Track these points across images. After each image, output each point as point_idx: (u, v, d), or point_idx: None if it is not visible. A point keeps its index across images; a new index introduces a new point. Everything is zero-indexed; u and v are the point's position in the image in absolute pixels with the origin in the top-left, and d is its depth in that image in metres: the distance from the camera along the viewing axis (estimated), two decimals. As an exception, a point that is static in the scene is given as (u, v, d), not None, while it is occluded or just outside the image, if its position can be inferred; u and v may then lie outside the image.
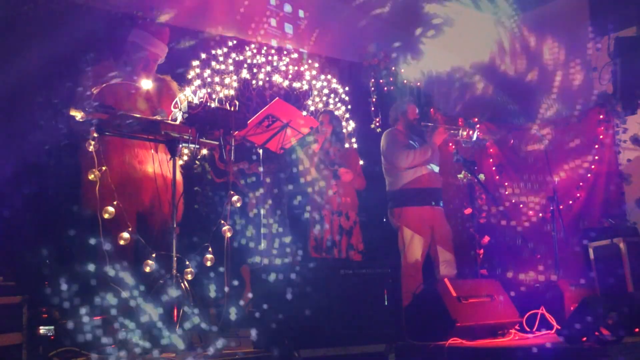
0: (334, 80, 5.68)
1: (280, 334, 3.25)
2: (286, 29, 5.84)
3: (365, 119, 5.98)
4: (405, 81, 6.28)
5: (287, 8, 5.89)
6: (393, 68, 6.27)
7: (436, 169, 4.88)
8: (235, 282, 3.87)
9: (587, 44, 6.51)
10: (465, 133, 4.84)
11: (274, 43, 5.65)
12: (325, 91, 5.62)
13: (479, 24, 6.41)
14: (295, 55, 5.55)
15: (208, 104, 3.44)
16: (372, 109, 6.11)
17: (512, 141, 4.89)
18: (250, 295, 3.93)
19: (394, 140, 4.88)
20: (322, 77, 5.60)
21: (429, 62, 6.27)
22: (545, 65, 6.75)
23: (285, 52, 5.51)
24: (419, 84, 6.38)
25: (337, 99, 5.66)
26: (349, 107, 5.73)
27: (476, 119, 4.81)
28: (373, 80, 6.17)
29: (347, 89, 5.76)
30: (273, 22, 5.75)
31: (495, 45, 6.47)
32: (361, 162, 5.36)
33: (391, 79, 6.23)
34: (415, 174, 4.74)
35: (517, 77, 6.59)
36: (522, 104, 6.52)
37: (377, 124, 6.02)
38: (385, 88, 6.18)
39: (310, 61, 5.60)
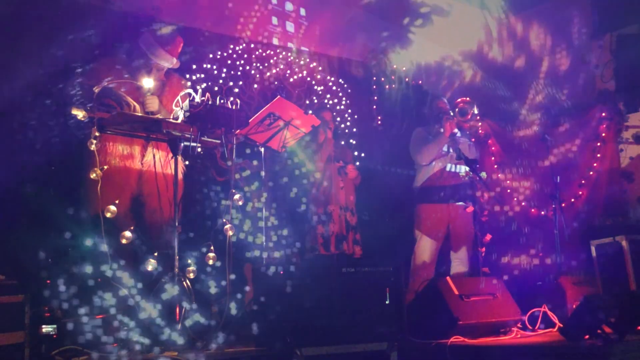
0: (333, 78, 5.67)
1: (282, 331, 3.25)
2: (287, 27, 5.83)
3: (366, 118, 5.97)
4: (407, 79, 6.28)
5: (289, 6, 5.88)
6: (395, 66, 6.26)
7: (458, 168, 4.83)
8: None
9: (590, 41, 6.51)
10: (465, 114, 4.80)
11: (275, 41, 5.65)
12: (326, 89, 5.62)
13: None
14: (296, 54, 5.55)
15: (209, 102, 3.43)
16: (374, 107, 6.11)
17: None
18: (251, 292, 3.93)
19: (415, 137, 4.91)
20: (324, 75, 5.59)
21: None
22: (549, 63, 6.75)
23: (286, 51, 5.51)
24: (420, 82, 6.38)
25: (338, 97, 5.65)
26: (350, 105, 5.73)
27: (468, 98, 4.80)
28: (374, 78, 6.17)
29: (346, 86, 5.75)
30: (274, 20, 5.75)
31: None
32: (357, 163, 5.36)
33: (392, 78, 6.22)
34: (430, 171, 4.75)
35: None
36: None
37: (378, 122, 6.02)
38: (387, 87, 6.17)
39: (310, 59, 5.59)
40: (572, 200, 6.13)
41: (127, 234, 3.36)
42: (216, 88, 4.87)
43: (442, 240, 4.74)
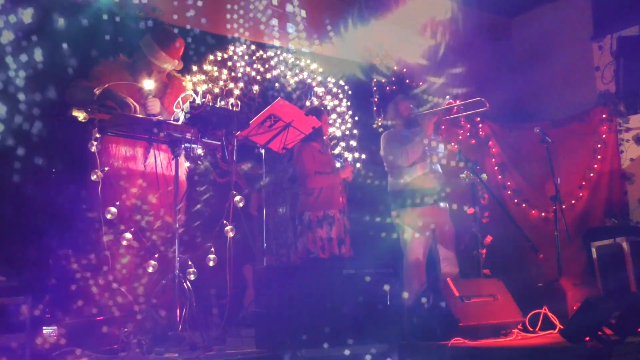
0: (333, 80, 5.67)
1: (282, 333, 3.25)
2: (288, 29, 5.84)
3: (367, 119, 5.98)
4: (407, 81, 6.28)
5: (289, 8, 5.89)
6: (395, 67, 6.27)
7: (437, 167, 4.85)
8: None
9: (590, 43, 6.52)
10: (450, 112, 4.79)
11: (275, 43, 5.66)
12: (327, 90, 5.62)
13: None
14: (297, 55, 5.56)
15: (210, 104, 3.44)
16: (374, 108, 6.11)
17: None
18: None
19: (389, 140, 4.86)
20: (324, 76, 5.60)
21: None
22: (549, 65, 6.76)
23: (287, 52, 5.51)
24: (420, 83, 6.38)
25: (338, 99, 5.66)
26: (351, 106, 5.73)
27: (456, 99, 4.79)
28: (375, 79, 6.17)
29: (346, 87, 5.75)
30: (275, 21, 5.75)
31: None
32: (358, 165, 5.36)
33: (393, 79, 6.23)
34: (414, 173, 4.72)
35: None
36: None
37: (379, 123, 6.02)
38: (387, 88, 6.18)
39: (310, 61, 5.60)
40: (573, 201, 6.14)
41: (128, 235, 3.36)
42: (217, 90, 4.88)
43: (431, 239, 4.74)
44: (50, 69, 4.05)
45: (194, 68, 4.86)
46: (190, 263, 3.47)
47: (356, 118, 5.71)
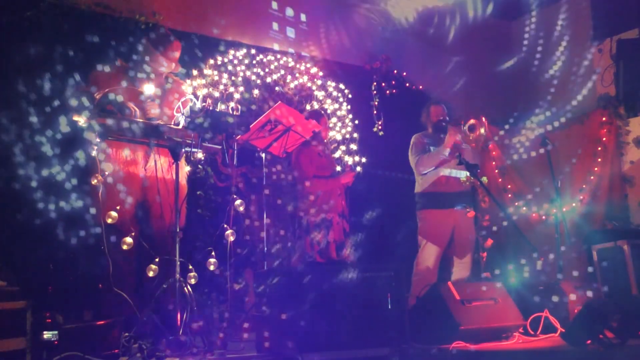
0: (333, 83, 5.68)
1: (283, 337, 3.25)
2: (288, 33, 5.85)
3: (367, 122, 5.98)
4: (407, 84, 6.29)
5: (289, 12, 5.90)
6: (395, 71, 6.27)
7: (460, 173, 4.79)
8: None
9: (590, 46, 6.52)
10: (473, 130, 4.73)
11: (275, 47, 5.67)
12: (327, 94, 5.63)
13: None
14: (297, 59, 5.56)
15: (210, 108, 3.44)
16: (374, 112, 6.12)
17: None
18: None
19: (413, 145, 4.88)
20: (324, 80, 5.60)
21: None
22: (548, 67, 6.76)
23: (287, 56, 5.52)
24: (421, 87, 6.38)
25: (338, 103, 5.66)
26: (351, 110, 5.73)
27: (484, 118, 4.73)
28: (375, 83, 6.18)
29: (346, 91, 5.75)
30: (275, 26, 5.76)
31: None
32: (359, 169, 5.37)
33: (393, 82, 6.23)
34: (433, 177, 4.73)
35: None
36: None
37: (379, 127, 6.02)
38: (387, 91, 6.18)
39: (310, 65, 5.60)
40: (573, 204, 6.13)
41: (128, 239, 3.36)
42: (217, 94, 4.88)
43: (445, 246, 4.73)
44: (49, 72, 4.06)
45: (194, 72, 4.86)
46: (190, 267, 3.47)
47: (356, 122, 5.71)
